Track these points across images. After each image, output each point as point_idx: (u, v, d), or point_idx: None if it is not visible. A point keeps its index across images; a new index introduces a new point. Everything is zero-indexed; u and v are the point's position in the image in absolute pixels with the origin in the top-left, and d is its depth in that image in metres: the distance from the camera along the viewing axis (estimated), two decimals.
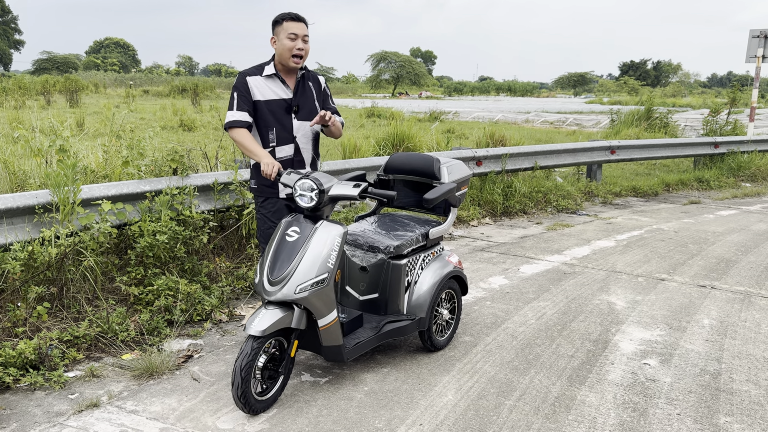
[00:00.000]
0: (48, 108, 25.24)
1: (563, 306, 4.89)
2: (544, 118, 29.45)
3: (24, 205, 4.08)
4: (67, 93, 30.11)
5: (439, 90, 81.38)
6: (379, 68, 68.21)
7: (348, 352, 3.41)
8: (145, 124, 19.00)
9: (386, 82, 69.41)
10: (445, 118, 29.36)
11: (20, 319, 3.85)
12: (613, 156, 10.26)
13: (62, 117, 17.56)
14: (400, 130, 9.12)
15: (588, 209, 9.05)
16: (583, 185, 9.99)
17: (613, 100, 47.97)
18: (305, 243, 3.22)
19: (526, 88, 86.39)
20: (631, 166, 12.78)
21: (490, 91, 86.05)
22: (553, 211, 8.80)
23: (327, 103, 3.99)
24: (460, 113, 32.83)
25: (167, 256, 4.59)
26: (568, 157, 9.67)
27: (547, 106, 44.17)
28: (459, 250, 6.57)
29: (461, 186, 4.13)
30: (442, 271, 3.90)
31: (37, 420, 3.11)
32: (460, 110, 35.17)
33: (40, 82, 33.70)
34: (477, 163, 8.28)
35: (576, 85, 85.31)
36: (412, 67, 67.52)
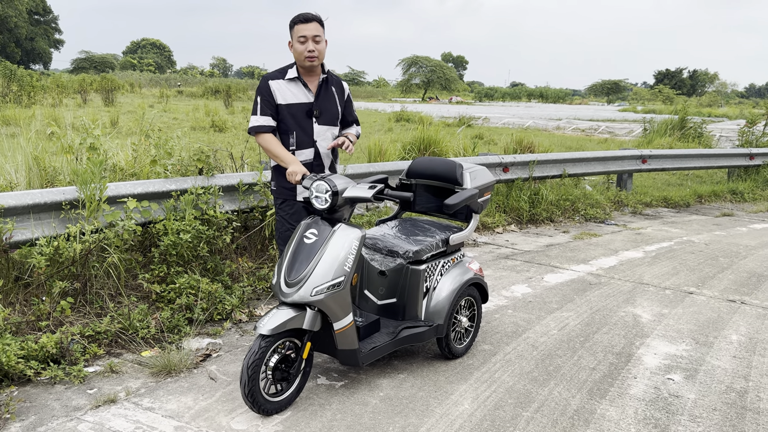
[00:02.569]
0: (84, 106, 25.78)
1: (587, 317, 4.80)
2: (575, 126, 29.11)
3: (51, 201, 4.14)
4: (102, 92, 30.70)
5: (470, 95, 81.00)
6: (410, 73, 68.21)
7: (363, 357, 3.39)
8: (177, 124, 19.29)
9: (416, 86, 69.37)
10: (475, 123, 29.23)
11: (44, 313, 3.91)
12: (644, 165, 10.07)
13: (97, 115, 17.91)
14: (427, 135, 9.08)
15: (617, 219, 8.90)
16: (612, 194, 9.83)
17: (647, 109, 47.18)
18: (323, 245, 3.21)
19: (558, 95, 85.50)
20: (663, 176, 12.54)
21: (522, 97, 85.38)
22: (580, 219, 8.68)
23: (349, 110, 3.99)
24: (490, 119, 32.65)
25: (190, 254, 4.63)
26: (597, 166, 9.52)
27: (579, 113, 43.64)
28: (482, 257, 6.50)
29: (484, 192, 4.08)
30: (461, 278, 3.86)
31: (55, 414, 3.15)
32: (490, 116, 34.94)
33: (77, 81, 34.43)
34: (503, 169, 8.20)
35: (609, 92, 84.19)
36: (443, 72, 67.36)
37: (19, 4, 68.65)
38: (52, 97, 28.30)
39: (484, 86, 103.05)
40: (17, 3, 68.28)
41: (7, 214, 3.95)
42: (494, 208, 8.13)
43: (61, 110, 21.74)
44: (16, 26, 67.73)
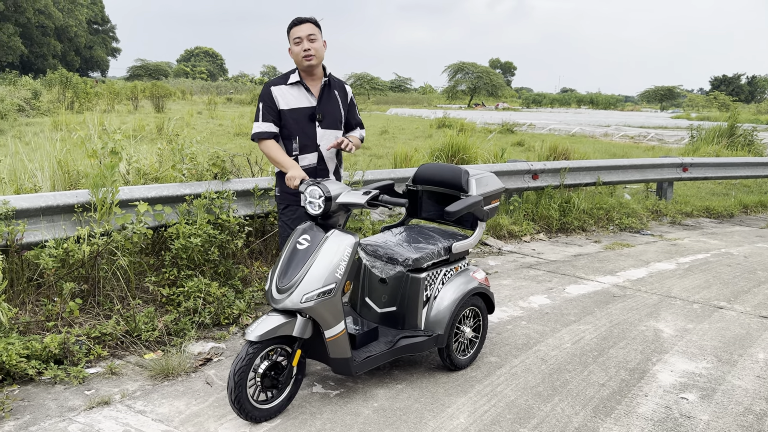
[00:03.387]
0: (134, 112, 26.55)
1: (605, 331, 4.61)
2: (624, 132, 28.40)
3: (64, 203, 4.23)
4: (153, 98, 31.57)
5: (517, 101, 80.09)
6: (456, 79, 67.86)
7: (357, 366, 3.32)
8: (222, 131, 19.67)
9: (462, 93, 68.98)
10: (519, 129, 28.85)
11: (53, 314, 3.98)
12: (685, 174, 9.70)
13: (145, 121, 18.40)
14: (456, 141, 8.96)
15: (654, 229, 8.58)
16: (651, 203, 9.50)
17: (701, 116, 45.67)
18: (314, 251, 3.16)
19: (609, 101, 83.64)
20: (708, 185, 12.07)
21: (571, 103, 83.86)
22: (615, 229, 8.40)
23: (352, 113, 3.96)
24: (536, 125, 32.17)
25: (201, 258, 4.65)
26: (634, 173, 9.21)
27: (630, 120, 42.56)
28: (504, 266, 6.35)
29: (492, 200, 3.97)
30: (464, 287, 3.75)
31: (50, 413, 3.18)
32: (536, 122, 34.44)
33: (129, 88, 35.47)
34: (533, 176, 8.02)
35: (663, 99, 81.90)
36: (490, 78, 66.75)
37: (79, 14, 71.41)
38: (105, 104, 29.29)
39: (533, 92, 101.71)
40: (77, 13, 71.03)
41: (20, 216, 4.04)
42: (522, 216, 7.95)
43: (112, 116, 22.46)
44: (76, 35, 70.45)
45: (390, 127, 25.45)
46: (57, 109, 23.57)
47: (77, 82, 30.28)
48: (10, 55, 58.21)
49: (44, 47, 65.02)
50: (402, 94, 69.98)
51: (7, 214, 3.89)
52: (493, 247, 7.18)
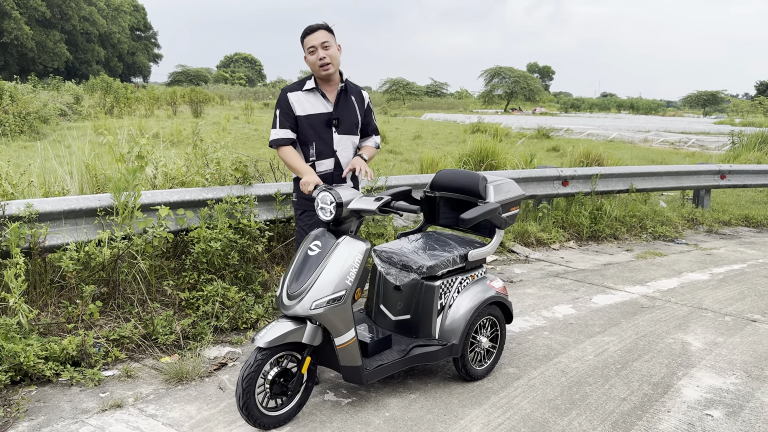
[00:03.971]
0: (173, 117, 27.03)
1: (630, 343, 4.47)
2: (664, 138, 27.76)
3: (87, 207, 4.29)
4: (192, 104, 32.11)
5: (555, 106, 79.07)
6: (492, 84, 67.35)
7: (368, 375, 3.28)
8: (257, 135, 19.87)
9: (499, 97, 68.43)
10: (556, 134, 28.48)
11: (74, 316, 4.04)
12: (723, 181, 9.40)
13: (182, 126, 18.73)
14: (485, 146, 8.86)
15: (689, 238, 8.33)
16: (686, 211, 9.23)
17: (746, 122, 44.32)
18: (325, 258, 3.13)
19: (650, 106, 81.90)
20: (749, 193, 11.68)
21: (611, 108, 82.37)
22: (648, 238, 8.18)
23: (368, 120, 3.95)
24: (573, 130, 31.71)
25: (221, 262, 4.67)
26: (670, 181, 8.96)
27: (671, 125, 41.55)
28: (530, 274, 6.23)
29: (510, 207, 3.89)
30: (481, 296, 3.67)
31: (63, 415, 3.22)
32: (574, 127, 33.94)
33: (169, 93, 36.16)
34: (563, 183, 7.86)
35: (706, 104, 79.83)
36: (527, 83, 66.07)
37: (122, 21, 73.23)
38: (145, 108, 29.91)
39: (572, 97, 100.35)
40: (121, 20, 72.86)
41: (44, 219, 4.12)
42: (552, 223, 7.81)
43: (151, 121, 22.92)
44: (119, 42, 72.25)
45: (423, 131, 25.39)
46: (98, 114, 24.14)
47: (118, 87, 31.04)
48: (55, 61, 60.01)
49: (88, 53, 66.81)
50: (437, 99, 69.74)
51: (31, 217, 3.96)
52: (520, 254, 7.06)
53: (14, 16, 54.00)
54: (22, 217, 3.93)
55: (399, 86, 64.94)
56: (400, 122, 33.76)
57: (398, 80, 65.88)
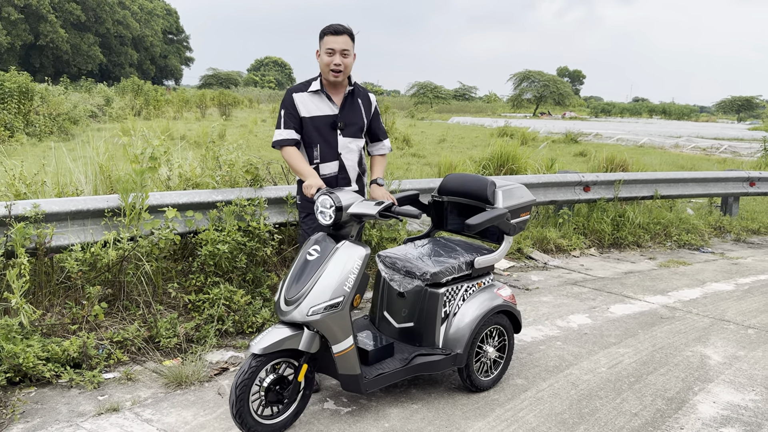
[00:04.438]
0: (202, 120, 27.31)
1: (646, 355, 4.31)
2: (695, 144, 27.18)
3: (94, 208, 4.28)
4: (220, 106, 32.42)
5: (585, 110, 78.13)
6: (521, 87, 66.78)
7: (367, 384, 3.19)
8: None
9: (528, 101, 67.82)
10: (584, 139, 28.11)
11: (79, 317, 4.02)
12: (752, 188, 9.10)
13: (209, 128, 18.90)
14: (505, 151, 8.71)
15: (715, 246, 8.08)
16: (714, 219, 8.96)
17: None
18: (323, 263, 3.06)
19: (682, 111, 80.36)
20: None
21: (642, 113, 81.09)
22: (672, 246, 7.95)
23: (376, 123, 3.89)
24: (602, 135, 31.25)
25: (229, 265, 4.63)
26: (696, 187, 8.70)
27: (703, 131, 40.70)
28: (547, 282, 6.08)
29: (520, 213, 3.77)
30: (487, 304, 3.56)
31: (59, 418, 3.19)
32: (603, 132, 33.44)
33: (198, 96, 36.58)
34: (584, 188, 7.68)
35: (740, 110, 78.09)
36: (557, 87, 65.32)
37: (155, 25, 74.43)
38: (174, 111, 30.30)
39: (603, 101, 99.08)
40: (153, 24, 74.06)
41: (51, 219, 4.12)
42: (572, 229, 7.63)
43: (179, 123, 23.17)
44: (151, 45, 73.45)
45: (449, 135, 25.24)
46: (127, 116, 24.50)
47: (148, 89, 31.48)
48: (89, 63, 61.22)
49: (122, 56, 68.05)
50: (465, 103, 69.43)
51: (37, 217, 3.97)
52: (539, 261, 6.90)
53: (50, 19, 55.25)
54: (28, 217, 3.93)
55: (427, 90, 64.77)
56: (426, 126, 33.64)
57: (426, 84, 65.72)
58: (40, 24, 55.20)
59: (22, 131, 15.89)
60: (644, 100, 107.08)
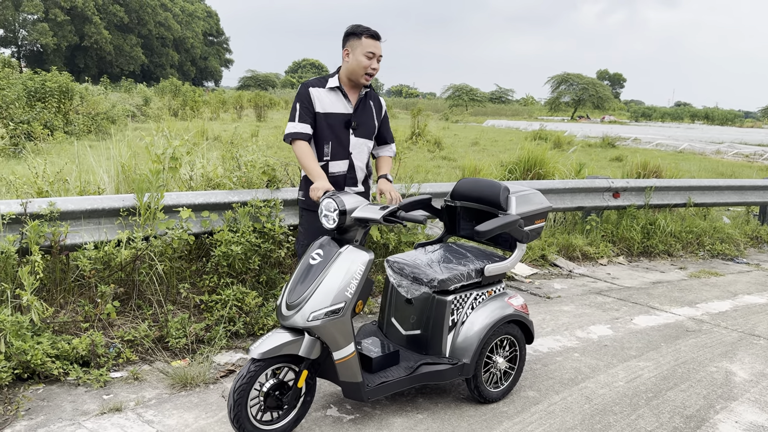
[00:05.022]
0: (238, 121, 27.64)
1: (667, 369, 4.15)
2: (737, 150, 26.37)
3: (110, 207, 4.31)
4: (256, 108, 32.75)
5: (625, 114, 76.64)
6: (559, 90, 65.80)
7: (369, 392, 3.12)
8: None
9: (566, 105, 66.82)
10: (622, 144, 27.58)
11: (92, 316, 4.05)
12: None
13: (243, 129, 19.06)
14: (533, 154, 8.54)
15: (751, 257, 7.78)
16: (750, 229, 8.64)
17: None
18: (325, 268, 3.01)
19: (726, 117, 78.19)
20: None
21: (684, 117, 79.13)
22: (705, 255, 7.69)
23: (385, 127, 3.88)
24: (641, 140, 30.57)
25: (242, 267, 4.61)
26: (732, 195, 8.40)
27: (747, 137, 39.49)
28: (570, 291, 5.92)
29: (535, 220, 3.65)
30: (497, 313, 3.45)
31: (62, 416, 3.20)
32: (642, 137, 32.71)
33: (235, 97, 37.04)
34: (614, 195, 7.48)
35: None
36: (596, 90, 64.17)
37: (196, 27, 75.70)
38: (211, 112, 30.72)
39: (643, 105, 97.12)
40: (194, 26, 75.33)
41: (67, 218, 4.15)
42: (600, 237, 7.43)
43: (216, 124, 23.47)
44: (192, 47, 74.72)
45: (483, 138, 25.02)
46: (164, 116, 24.93)
47: (186, 90, 31.99)
48: (132, 64, 62.59)
49: (163, 57, 69.41)
50: (501, 106, 68.82)
51: (52, 215, 4.00)
52: (563, 269, 6.74)
53: (95, 21, 56.68)
54: (44, 215, 3.97)
55: (462, 92, 64.38)
56: (460, 129, 33.43)
57: (461, 86, 65.33)
58: (85, 25, 56.67)
59: (61, 130, 16.27)
60: (687, 105, 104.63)
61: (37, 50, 58.65)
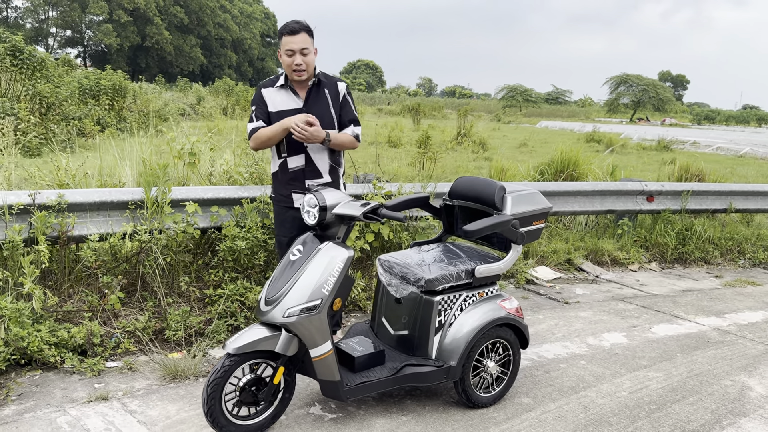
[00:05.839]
0: None
1: (678, 381, 3.94)
2: None
3: (118, 200, 4.40)
4: None
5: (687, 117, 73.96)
6: (618, 92, 63.94)
7: (347, 391, 3.07)
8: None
9: (624, 106, 64.93)
10: (679, 147, 26.60)
11: (96, 306, 4.14)
12: None
13: None
14: (566, 156, 8.31)
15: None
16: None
17: None
18: (303, 264, 2.98)
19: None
20: None
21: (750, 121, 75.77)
22: (746, 264, 7.31)
23: (345, 110, 3.79)
24: (700, 143, 29.44)
25: (248, 262, 4.63)
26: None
27: None
28: (592, 296, 5.72)
29: (533, 221, 3.52)
30: (488, 316, 3.35)
31: (51, 402, 3.28)
32: (702, 140, 31.50)
33: None
34: (647, 198, 7.20)
35: None
36: (656, 92, 62.04)
37: (253, 28, 77.18)
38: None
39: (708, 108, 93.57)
40: (252, 27, 76.82)
41: (75, 210, 4.26)
42: (631, 241, 7.16)
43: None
44: (250, 47, 76.21)
45: (532, 140, 24.56)
46: (216, 115, 25.50)
47: (239, 90, 32.57)
48: (191, 64, 64.32)
49: (221, 58, 71.05)
50: (558, 107, 67.48)
51: (60, 206, 4.11)
52: (590, 274, 6.52)
53: (156, 22, 58.50)
54: (51, 206, 4.08)
55: (516, 93, 63.43)
56: (511, 130, 32.94)
57: (516, 87, 64.35)
58: (147, 26, 58.57)
59: (114, 126, 16.83)
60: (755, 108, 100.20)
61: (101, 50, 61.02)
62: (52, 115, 13.67)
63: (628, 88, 64.18)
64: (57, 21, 58.97)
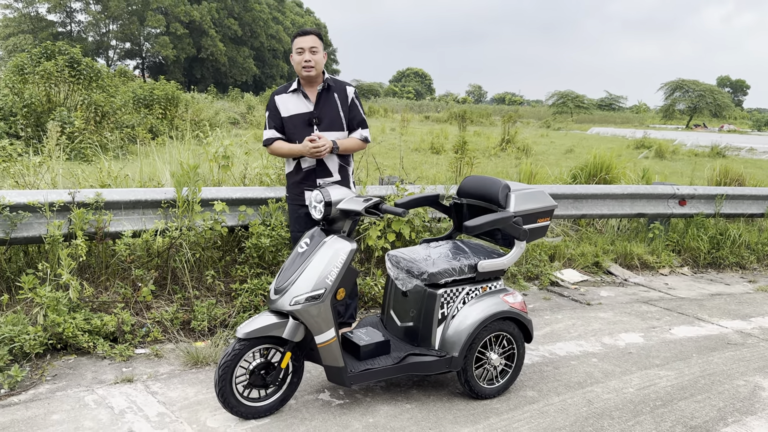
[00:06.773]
0: None
1: (689, 380, 3.95)
2: None
3: (152, 199, 4.69)
4: None
5: (747, 123, 71.36)
6: (673, 98, 62.25)
7: (351, 377, 3.23)
8: (404, 145, 20.29)
9: (680, 113, 63.14)
10: (733, 154, 25.84)
11: (129, 297, 4.43)
12: None
13: None
14: (600, 160, 8.29)
15: None
16: None
17: None
18: (309, 256, 3.17)
19: None
20: None
21: None
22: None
23: (353, 114, 4.08)
24: (756, 150, 28.46)
25: (273, 259, 4.86)
26: None
27: None
28: (616, 299, 5.73)
29: (537, 218, 3.62)
30: (491, 309, 3.46)
31: (81, 383, 3.55)
32: (759, 147, 30.42)
33: None
34: (680, 202, 7.13)
35: None
36: (713, 97, 60.12)
37: None
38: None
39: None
40: None
41: (112, 207, 4.57)
42: (662, 245, 7.09)
43: None
44: None
45: (580, 146, 24.23)
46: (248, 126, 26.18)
47: None
48: (244, 75, 65.94)
49: (274, 68, 72.58)
50: (611, 113, 66.11)
51: (98, 204, 4.42)
52: (618, 277, 6.50)
53: (211, 34, 60.26)
54: (89, 204, 4.39)
55: (567, 99, 62.52)
56: (560, 136, 32.57)
57: (566, 93, 63.43)
58: (202, 38, 60.40)
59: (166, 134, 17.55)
60: None
61: (159, 62, 63.23)
62: (107, 123, 14.35)
63: (684, 93, 62.44)
64: (117, 34, 61.44)
